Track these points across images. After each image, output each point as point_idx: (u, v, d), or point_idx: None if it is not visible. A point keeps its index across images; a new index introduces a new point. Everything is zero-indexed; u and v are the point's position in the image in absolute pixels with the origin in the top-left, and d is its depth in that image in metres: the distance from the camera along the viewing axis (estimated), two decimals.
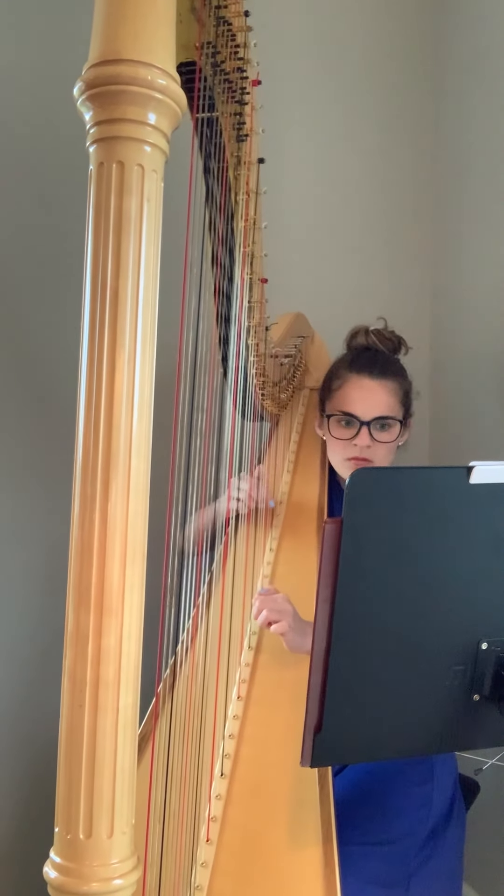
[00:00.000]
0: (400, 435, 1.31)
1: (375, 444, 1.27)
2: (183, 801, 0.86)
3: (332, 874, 0.81)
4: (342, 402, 1.29)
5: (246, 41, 0.89)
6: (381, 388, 1.27)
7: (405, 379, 1.33)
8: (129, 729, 0.55)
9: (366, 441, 1.26)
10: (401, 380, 1.31)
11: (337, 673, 0.68)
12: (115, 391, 0.53)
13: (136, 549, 0.54)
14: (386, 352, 1.36)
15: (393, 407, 1.28)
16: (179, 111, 0.56)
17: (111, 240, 0.53)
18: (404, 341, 1.39)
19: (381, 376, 1.28)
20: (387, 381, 1.28)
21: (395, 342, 1.37)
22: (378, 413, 1.26)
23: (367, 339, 1.36)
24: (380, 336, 1.36)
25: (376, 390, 1.27)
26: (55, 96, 1.54)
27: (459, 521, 0.68)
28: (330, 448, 1.35)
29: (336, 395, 1.30)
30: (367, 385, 1.27)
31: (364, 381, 1.28)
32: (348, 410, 1.28)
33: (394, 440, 1.28)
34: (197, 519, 1.27)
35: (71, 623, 0.54)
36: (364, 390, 1.27)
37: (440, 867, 1.04)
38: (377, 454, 1.28)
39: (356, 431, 1.27)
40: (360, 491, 0.63)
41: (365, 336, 1.37)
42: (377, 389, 1.27)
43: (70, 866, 0.53)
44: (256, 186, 1.06)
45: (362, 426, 1.26)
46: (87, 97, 0.54)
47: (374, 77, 2.01)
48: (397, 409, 1.29)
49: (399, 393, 1.29)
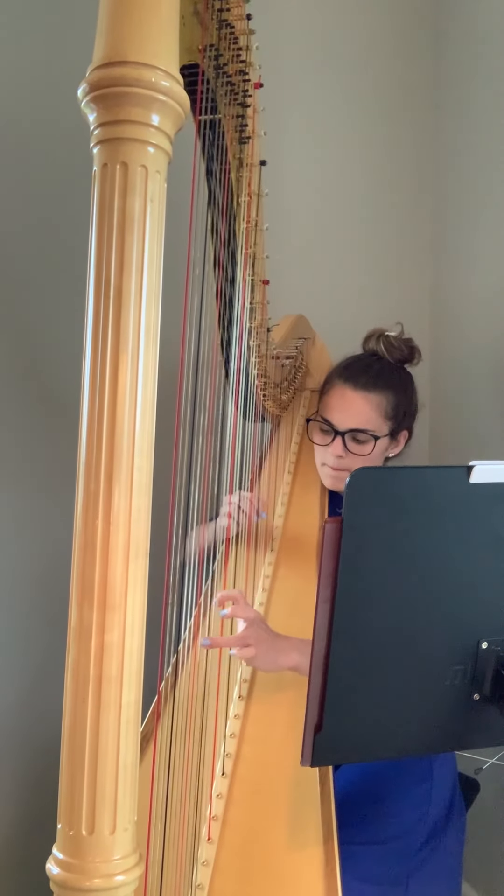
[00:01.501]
0: (388, 446, 1.29)
1: (349, 455, 1.25)
2: (184, 800, 0.86)
3: (332, 873, 0.81)
4: (324, 408, 1.29)
5: (248, 44, 0.89)
6: (362, 400, 1.24)
7: (398, 392, 1.28)
8: (132, 725, 0.55)
9: (338, 451, 1.25)
10: (390, 394, 1.26)
11: (337, 673, 0.68)
12: (119, 390, 0.53)
13: (139, 545, 0.55)
14: (390, 360, 1.31)
15: (372, 421, 1.24)
16: (183, 113, 0.56)
17: (115, 240, 0.54)
18: (418, 351, 1.34)
19: (366, 388, 1.25)
20: (371, 394, 1.24)
21: (405, 351, 1.32)
22: (353, 425, 1.24)
23: (376, 345, 1.32)
24: (388, 343, 1.32)
25: (356, 402, 1.24)
26: (59, 98, 1.55)
27: (459, 520, 0.68)
28: (315, 450, 1.35)
29: (322, 399, 1.30)
30: (348, 396, 1.25)
31: (347, 392, 1.26)
32: (326, 417, 1.27)
33: (368, 454, 1.25)
34: (197, 534, 1.26)
35: (74, 619, 0.54)
36: (344, 400, 1.25)
37: (440, 866, 1.04)
38: (352, 465, 1.24)
39: (331, 439, 1.26)
40: (360, 491, 0.64)
41: (376, 341, 1.33)
42: (357, 401, 1.24)
43: (72, 862, 0.53)
44: (258, 189, 1.07)
45: (337, 435, 1.25)
46: (91, 98, 0.54)
47: (375, 80, 2.02)
48: (378, 424, 1.25)
49: (383, 407, 1.25)
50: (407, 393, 1.30)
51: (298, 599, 1.20)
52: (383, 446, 1.28)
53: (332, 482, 1.32)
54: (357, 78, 2.00)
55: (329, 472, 1.30)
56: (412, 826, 1.06)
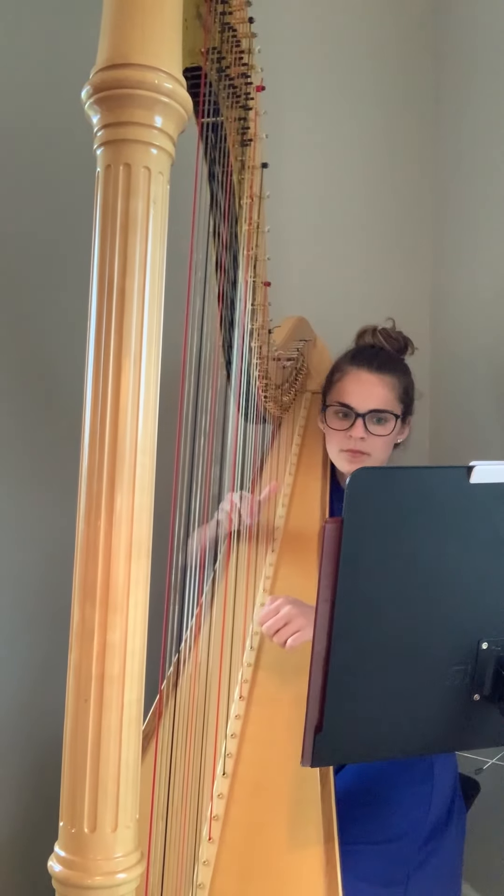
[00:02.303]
0: (399, 431, 1.32)
1: (370, 437, 1.28)
2: (185, 799, 0.86)
3: (333, 873, 0.81)
4: (340, 394, 1.31)
5: (250, 47, 0.89)
6: (378, 381, 1.29)
7: (406, 377, 1.34)
8: (134, 724, 0.55)
9: (360, 433, 1.27)
10: (400, 376, 1.32)
11: (337, 673, 0.68)
12: (122, 390, 0.54)
13: (142, 545, 0.55)
14: (390, 350, 1.37)
15: (390, 401, 1.29)
16: (185, 115, 0.57)
17: (118, 241, 0.54)
18: (411, 342, 1.40)
19: (380, 371, 1.30)
20: (385, 375, 1.30)
21: (402, 342, 1.39)
22: (374, 406, 1.28)
23: (373, 338, 1.39)
24: (386, 335, 1.38)
25: (374, 383, 1.29)
26: (63, 99, 1.55)
27: (459, 520, 0.68)
28: (328, 439, 1.36)
29: (336, 386, 1.33)
30: (364, 378, 1.29)
31: (362, 375, 1.30)
32: (345, 401, 1.30)
33: (389, 434, 1.29)
34: (199, 534, 1.27)
35: (76, 618, 0.54)
36: (362, 383, 1.29)
37: (440, 866, 1.04)
38: (372, 447, 1.29)
39: (352, 423, 1.29)
40: (360, 491, 0.64)
41: (372, 335, 1.39)
42: (375, 383, 1.29)
43: (74, 860, 0.53)
44: (260, 191, 1.07)
45: (357, 418, 1.28)
46: (94, 100, 0.55)
47: (376, 82, 2.02)
48: (394, 405, 1.30)
49: (398, 389, 1.31)
50: (410, 378, 1.36)
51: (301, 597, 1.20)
52: (398, 429, 1.32)
53: (350, 467, 1.33)
54: (358, 80, 2.00)
55: (348, 456, 1.32)
56: (412, 826, 1.06)
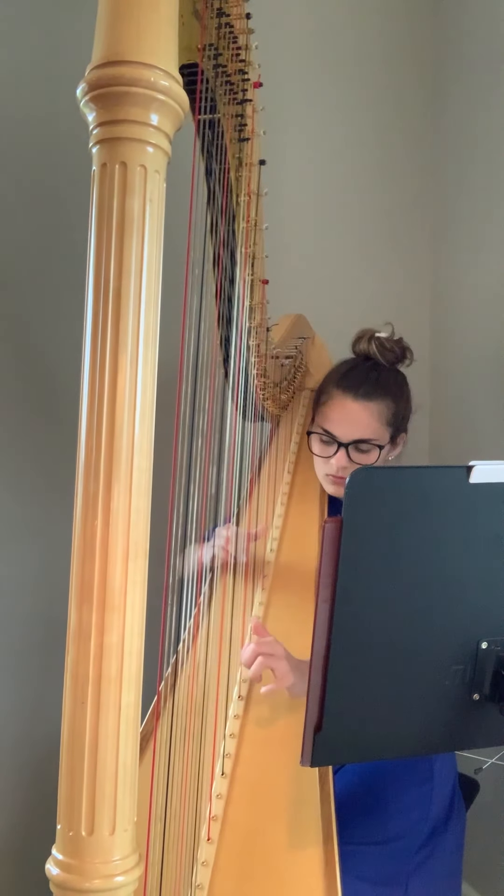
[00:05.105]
0: (388, 452, 1.28)
1: (352, 465, 1.24)
2: (184, 801, 0.86)
3: (332, 873, 0.81)
4: (324, 420, 1.26)
5: (247, 43, 0.89)
6: (363, 410, 1.23)
7: (397, 399, 1.27)
8: (132, 726, 0.55)
9: (343, 462, 1.24)
10: (389, 401, 1.25)
11: (337, 673, 0.68)
12: (118, 390, 0.53)
13: (139, 546, 0.55)
14: (385, 365, 1.30)
15: (375, 430, 1.24)
16: (182, 112, 0.56)
17: (114, 240, 0.54)
18: (410, 351, 1.32)
19: (366, 398, 1.23)
20: (371, 403, 1.23)
21: (398, 352, 1.31)
22: (357, 436, 1.23)
23: (368, 347, 1.31)
24: (381, 346, 1.30)
25: (358, 413, 1.23)
26: (58, 97, 1.55)
27: (459, 521, 0.68)
28: (314, 461, 1.32)
29: (321, 410, 1.28)
30: (349, 407, 1.24)
31: (347, 403, 1.24)
32: (328, 429, 1.25)
33: (372, 462, 1.24)
34: (195, 551, 1.25)
35: (73, 620, 0.54)
36: (345, 411, 1.24)
37: (439, 866, 1.04)
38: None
39: (334, 451, 1.25)
40: (360, 491, 0.64)
41: (368, 343, 1.31)
42: (359, 412, 1.23)
43: (72, 863, 0.53)
44: (258, 188, 1.07)
45: (340, 447, 1.24)
46: (90, 98, 0.54)
47: (375, 79, 2.02)
48: (380, 433, 1.24)
49: (385, 415, 1.25)
50: (405, 397, 1.30)
51: (299, 601, 1.20)
52: (386, 452, 1.27)
53: (335, 490, 1.31)
54: (356, 76, 1.99)
55: (332, 481, 1.29)
56: (412, 826, 1.06)
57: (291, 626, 1.14)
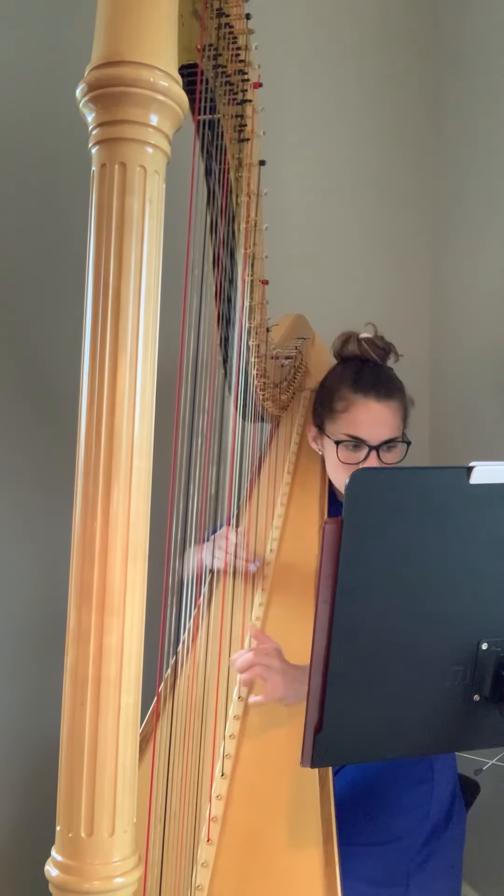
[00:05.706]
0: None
1: (381, 465, 1.24)
2: (183, 802, 0.86)
3: (332, 874, 0.81)
4: (350, 426, 1.24)
5: (247, 44, 0.89)
6: (388, 410, 1.24)
7: (404, 394, 1.30)
8: (131, 728, 0.55)
9: (374, 465, 1.23)
10: (402, 397, 1.28)
11: (337, 673, 0.68)
12: (118, 391, 0.53)
13: (138, 548, 0.54)
14: (382, 364, 1.31)
15: (398, 427, 1.26)
16: (181, 113, 0.56)
17: (113, 240, 0.54)
18: (394, 348, 1.33)
19: (387, 398, 1.24)
20: (392, 401, 1.25)
21: (386, 350, 1.32)
22: (386, 437, 1.23)
23: (359, 349, 1.31)
24: (371, 345, 1.31)
25: (383, 413, 1.24)
26: (58, 98, 1.55)
27: (459, 521, 0.68)
28: (332, 467, 1.30)
29: (342, 417, 1.26)
30: (374, 408, 1.23)
31: (371, 405, 1.24)
32: (357, 435, 1.24)
33: (399, 459, 1.26)
34: (195, 553, 1.25)
35: (73, 622, 0.54)
36: (372, 413, 1.23)
37: (440, 867, 1.04)
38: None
39: (365, 455, 1.24)
40: (360, 491, 0.63)
41: (357, 345, 1.31)
42: (385, 412, 1.24)
43: (71, 864, 0.53)
44: (258, 188, 1.06)
45: (371, 450, 1.23)
46: (89, 99, 0.54)
47: (375, 79, 2.02)
48: (401, 429, 1.27)
49: (402, 411, 1.27)
50: (406, 393, 1.31)
51: (299, 601, 1.20)
52: (404, 450, 1.28)
53: None
54: (357, 77, 1.99)
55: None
56: (412, 827, 1.06)
57: (291, 626, 1.14)
